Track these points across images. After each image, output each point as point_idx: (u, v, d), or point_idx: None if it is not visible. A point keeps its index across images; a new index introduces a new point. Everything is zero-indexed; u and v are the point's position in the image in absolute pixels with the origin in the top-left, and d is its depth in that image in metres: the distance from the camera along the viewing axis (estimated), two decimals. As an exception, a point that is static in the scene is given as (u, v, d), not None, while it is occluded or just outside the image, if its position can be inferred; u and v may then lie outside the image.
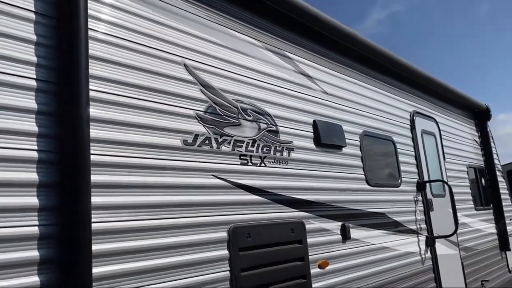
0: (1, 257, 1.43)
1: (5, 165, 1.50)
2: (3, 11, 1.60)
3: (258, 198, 2.43)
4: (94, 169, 1.67)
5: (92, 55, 1.77)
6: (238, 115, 2.44)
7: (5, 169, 1.50)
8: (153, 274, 1.81)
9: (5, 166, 1.50)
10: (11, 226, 1.48)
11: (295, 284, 2.52)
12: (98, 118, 1.75)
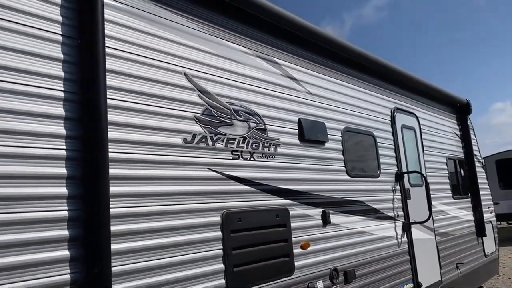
0: (42, 234, 1.81)
1: (42, 162, 1.88)
2: (37, 35, 1.96)
3: (248, 188, 2.82)
4: (112, 164, 2.05)
5: (109, 69, 2.14)
6: (230, 116, 2.81)
7: (42, 165, 1.88)
8: (159, 250, 2.21)
9: (42, 163, 1.88)
10: (49, 210, 1.86)
11: (279, 262, 2.92)
12: (114, 121, 2.12)
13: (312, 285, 3.16)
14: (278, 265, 2.92)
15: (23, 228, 1.77)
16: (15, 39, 1.88)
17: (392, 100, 4.93)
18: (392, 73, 4.86)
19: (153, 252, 2.18)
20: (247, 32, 3.14)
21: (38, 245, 1.80)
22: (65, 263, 1.87)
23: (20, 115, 1.84)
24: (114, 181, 2.05)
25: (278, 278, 2.89)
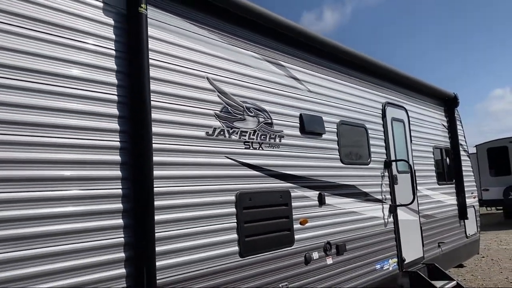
0: (103, 207, 2.39)
1: (102, 151, 2.45)
2: (97, 51, 2.51)
3: (257, 173, 3.41)
4: (155, 153, 2.62)
5: (152, 77, 2.69)
6: (243, 112, 3.38)
7: (102, 153, 2.45)
8: (191, 221, 2.81)
9: (102, 152, 2.45)
10: (107, 189, 2.43)
11: (282, 234, 3.53)
12: (156, 119, 2.69)
13: (309, 255, 3.77)
14: (281, 237, 3.53)
15: (89, 202, 2.35)
16: (83, 55, 2.43)
17: (383, 95, 5.49)
18: (384, 70, 5.42)
19: (189, 221, 2.79)
20: (257, 39, 3.68)
21: (100, 215, 2.38)
22: (119, 229, 2.45)
23: (87, 114, 2.40)
24: (156, 166, 2.63)
25: (281, 248, 3.50)
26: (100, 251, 2.32)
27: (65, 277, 2.15)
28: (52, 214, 2.16)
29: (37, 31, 2.25)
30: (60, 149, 2.25)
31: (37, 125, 2.17)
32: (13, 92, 2.11)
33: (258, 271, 3.26)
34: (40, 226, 2.10)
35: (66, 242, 2.19)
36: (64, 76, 2.33)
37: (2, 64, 2.09)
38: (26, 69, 2.18)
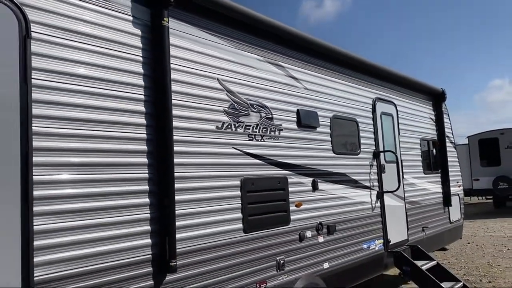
0: (133, 188, 2.92)
1: (133, 141, 2.97)
2: (128, 58, 3.01)
3: (259, 162, 3.94)
4: (175, 144, 3.14)
5: (172, 79, 3.20)
6: (247, 108, 3.90)
7: (133, 143, 2.97)
8: (203, 201, 3.34)
9: (133, 142, 2.97)
10: (136, 173, 2.96)
11: (280, 215, 4.09)
12: (176, 115, 3.20)
13: (303, 233, 4.33)
14: (279, 217, 4.08)
15: (125, 184, 2.88)
16: (117, 62, 2.94)
17: (374, 91, 6.01)
18: (374, 68, 5.93)
19: (202, 202, 3.34)
20: (259, 43, 4.19)
21: (132, 194, 2.91)
22: (146, 206, 2.99)
23: (121, 111, 2.92)
24: (176, 154, 3.15)
25: (279, 226, 4.06)
26: (132, 223, 2.86)
27: (108, 244, 2.70)
28: (100, 193, 2.70)
29: (83, 43, 2.76)
30: (103, 140, 2.78)
31: (88, 121, 2.70)
32: (69, 94, 2.63)
33: (259, 246, 3.82)
34: (92, 202, 2.64)
35: (109, 215, 2.73)
36: (103, 80, 2.84)
37: (65, 72, 2.61)
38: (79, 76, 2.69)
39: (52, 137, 2.52)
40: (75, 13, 2.75)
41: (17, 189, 2.34)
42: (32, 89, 2.45)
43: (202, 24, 3.61)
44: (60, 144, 2.56)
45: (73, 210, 2.57)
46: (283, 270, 4.04)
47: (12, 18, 2.44)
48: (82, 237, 2.60)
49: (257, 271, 3.76)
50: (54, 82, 2.57)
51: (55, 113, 2.56)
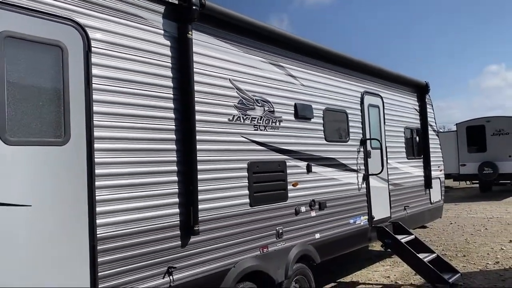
0: (166, 168, 3.72)
1: (165, 132, 3.75)
2: (161, 64, 3.78)
3: (262, 148, 4.74)
4: (197, 134, 3.92)
5: (195, 81, 3.97)
6: (253, 103, 4.69)
7: (165, 133, 3.75)
8: (218, 180, 4.15)
9: (165, 132, 3.75)
10: (165, 156, 3.76)
11: (279, 192, 4.91)
12: (198, 110, 3.98)
13: (298, 208, 5.17)
14: (279, 194, 4.91)
15: (160, 165, 3.67)
16: (154, 69, 3.70)
17: (362, 85, 6.81)
18: (362, 65, 6.72)
19: (218, 180, 4.15)
20: (263, 47, 4.95)
21: (165, 173, 3.71)
22: (175, 183, 3.79)
23: (157, 108, 3.69)
24: (198, 142, 3.94)
25: (278, 202, 4.89)
26: (166, 196, 3.68)
27: (148, 211, 3.51)
28: (143, 172, 3.51)
29: (129, 54, 3.52)
30: (145, 131, 3.58)
31: (134, 116, 3.49)
32: (120, 95, 3.41)
33: (262, 217, 4.65)
34: (137, 179, 3.45)
35: (149, 189, 3.54)
36: (143, 83, 3.62)
37: (117, 78, 3.39)
38: (127, 80, 3.47)
39: (108, 128, 3.31)
40: (123, 30, 3.50)
41: (84, 168, 3.13)
42: (93, 91, 3.22)
43: (216, 33, 4.37)
44: (114, 134, 3.35)
45: (124, 184, 3.37)
46: (281, 238, 4.89)
47: (78, 36, 3.19)
48: (130, 205, 3.40)
49: (260, 238, 4.61)
50: (108, 86, 3.35)
51: (109, 110, 3.34)
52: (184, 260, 3.78)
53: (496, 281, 6.59)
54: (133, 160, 3.46)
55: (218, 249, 4.11)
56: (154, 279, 3.54)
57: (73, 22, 3.17)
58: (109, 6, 3.43)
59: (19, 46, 2.86)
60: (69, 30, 3.15)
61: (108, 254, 3.23)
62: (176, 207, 3.77)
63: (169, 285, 3.63)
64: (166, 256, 3.64)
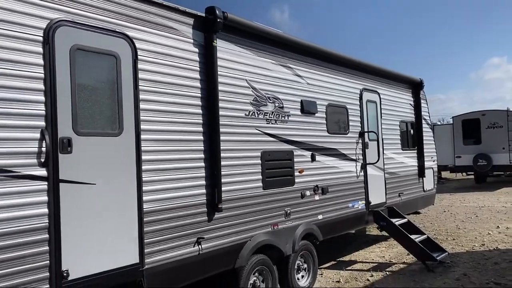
0: (194, 156, 4.48)
1: (195, 125, 4.50)
2: (190, 68, 4.51)
3: (273, 139, 5.50)
4: (220, 127, 4.67)
5: (219, 82, 4.70)
6: (265, 100, 5.43)
7: (195, 126, 4.50)
8: (239, 166, 4.91)
9: (195, 126, 4.50)
10: (194, 146, 4.51)
11: (287, 178, 5.68)
12: (221, 106, 4.72)
13: (304, 192, 5.94)
14: (287, 179, 5.68)
15: (191, 153, 4.42)
16: (186, 72, 4.44)
17: (361, 83, 7.55)
18: (362, 64, 7.46)
19: (237, 166, 4.92)
20: (273, 51, 5.68)
21: (193, 160, 4.46)
22: (202, 168, 4.54)
23: (188, 105, 4.44)
24: (221, 133, 4.69)
25: (286, 186, 5.66)
26: (196, 179, 4.44)
27: (182, 191, 4.28)
28: (178, 158, 4.28)
29: (167, 61, 4.26)
30: (180, 124, 4.34)
31: (171, 112, 4.25)
32: (161, 95, 4.16)
33: (273, 199, 5.42)
34: (173, 164, 4.21)
35: (182, 173, 4.30)
36: (178, 84, 4.36)
37: (158, 81, 4.14)
38: (166, 82, 4.23)
39: (151, 122, 4.06)
40: (161, 40, 4.25)
41: (133, 155, 3.88)
42: (140, 91, 3.96)
43: (235, 40, 5.10)
44: (155, 127, 4.10)
45: (163, 168, 4.14)
46: (289, 218, 5.67)
47: (127, 47, 3.93)
48: (168, 186, 4.17)
49: (271, 216, 5.38)
50: (151, 87, 4.10)
51: (152, 107, 4.09)
52: (210, 232, 4.56)
53: (479, 259, 7.38)
54: (170, 149, 4.22)
55: (237, 224, 4.88)
56: (187, 247, 4.32)
57: (124, 35, 3.91)
58: (150, 21, 4.17)
59: (85, 56, 3.60)
60: (121, 42, 3.89)
61: (152, 225, 4.00)
62: (203, 188, 4.53)
63: (198, 252, 4.41)
64: (196, 228, 4.42)
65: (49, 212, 3.30)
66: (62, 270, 3.33)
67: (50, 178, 3.31)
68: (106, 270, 3.61)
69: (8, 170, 3.10)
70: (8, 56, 3.16)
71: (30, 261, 3.17)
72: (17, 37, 3.22)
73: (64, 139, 3.40)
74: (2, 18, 3.15)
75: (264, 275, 5.25)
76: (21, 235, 3.13)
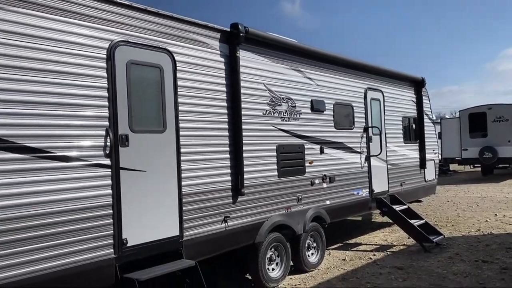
0: (221, 148, 5.42)
1: (222, 123, 5.43)
2: (217, 75, 5.44)
3: (287, 134, 6.42)
4: (243, 124, 5.59)
5: (242, 86, 5.62)
6: (280, 100, 6.34)
7: (222, 123, 5.44)
8: (259, 157, 5.84)
9: (222, 123, 5.43)
10: (223, 140, 5.45)
11: (299, 168, 6.61)
12: (243, 107, 5.64)
13: (313, 180, 6.85)
14: (299, 169, 6.60)
15: (219, 145, 5.36)
16: (214, 79, 5.37)
17: (365, 82, 8.42)
18: (366, 66, 8.32)
19: (257, 158, 5.85)
20: (287, 57, 6.58)
21: (221, 152, 5.40)
22: (227, 158, 5.48)
23: (216, 106, 5.37)
24: (243, 130, 5.61)
25: (298, 175, 6.58)
26: (223, 168, 5.40)
27: (212, 178, 5.23)
28: (208, 151, 5.24)
29: (200, 71, 5.19)
30: (209, 122, 5.29)
31: (203, 112, 5.21)
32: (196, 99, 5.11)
33: (286, 186, 6.36)
34: (205, 155, 5.16)
35: (212, 162, 5.25)
36: (209, 89, 5.30)
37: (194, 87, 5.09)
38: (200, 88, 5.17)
39: (187, 121, 5.01)
40: (194, 53, 5.18)
41: (174, 148, 4.83)
42: (179, 96, 4.90)
43: (254, 49, 6.01)
44: (190, 125, 5.05)
45: (197, 159, 5.09)
46: (300, 202, 6.59)
47: (169, 60, 4.86)
48: (200, 173, 5.12)
49: (285, 201, 6.32)
50: (188, 92, 5.04)
51: (188, 109, 5.04)
52: (234, 212, 5.51)
53: (473, 242, 8.25)
54: (202, 143, 5.17)
55: (256, 207, 5.83)
56: (216, 224, 5.27)
57: (166, 50, 4.85)
58: (186, 37, 5.10)
59: (137, 69, 4.55)
60: (164, 56, 4.82)
61: (188, 204, 4.96)
62: (229, 175, 5.48)
63: (225, 229, 5.36)
64: (223, 209, 5.37)
65: (113, 193, 4.26)
66: (122, 238, 4.30)
67: (113, 166, 4.27)
68: (154, 240, 4.58)
69: (84, 160, 4.06)
70: (82, 71, 4.11)
71: (101, 230, 4.15)
72: (88, 56, 4.17)
73: (123, 136, 4.36)
74: (78, 42, 4.10)
75: (279, 251, 6.20)
76: (93, 210, 4.10)
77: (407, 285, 5.99)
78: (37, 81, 3.79)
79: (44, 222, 3.75)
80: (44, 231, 3.75)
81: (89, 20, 4.21)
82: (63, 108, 3.96)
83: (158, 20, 4.82)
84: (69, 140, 3.98)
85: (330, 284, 6.20)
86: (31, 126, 3.72)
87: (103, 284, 4.19)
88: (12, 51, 3.64)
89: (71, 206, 3.94)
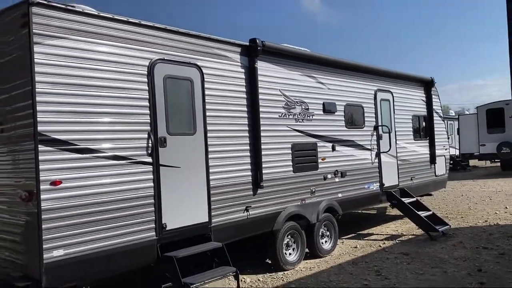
0: (243, 148, 6.32)
1: (244, 125, 6.33)
2: (238, 84, 6.34)
3: (301, 134, 7.28)
4: (261, 125, 6.48)
5: (260, 92, 6.51)
6: (294, 104, 7.20)
7: (244, 125, 6.33)
8: (276, 155, 6.73)
9: (244, 125, 6.33)
10: (244, 140, 6.35)
11: (312, 164, 7.47)
12: (261, 110, 6.52)
13: (326, 175, 7.70)
14: (312, 165, 7.46)
15: (239, 145, 6.27)
16: (238, 88, 6.27)
17: (375, 84, 9.20)
18: (376, 69, 9.11)
19: (274, 155, 6.74)
20: (300, 65, 7.43)
21: (242, 151, 6.30)
22: (247, 155, 6.38)
23: (237, 111, 6.27)
24: (262, 131, 6.50)
25: (312, 170, 7.44)
26: (245, 164, 6.30)
27: (235, 172, 6.15)
28: (233, 149, 6.15)
29: (223, 81, 6.10)
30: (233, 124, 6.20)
31: (226, 116, 6.12)
32: (220, 105, 6.02)
33: (301, 180, 7.23)
34: (229, 154, 6.07)
35: (235, 160, 6.16)
36: (231, 96, 6.20)
37: (219, 95, 6.00)
38: (223, 96, 6.07)
39: (214, 125, 5.93)
40: (218, 66, 6.10)
41: (203, 148, 5.75)
42: (206, 103, 5.82)
43: (271, 60, 6.89)
44: (217, 128, 5.97)
45: (222, 157, 6.01)
46: (314, 195, 7.45)
47: (198, 73, 5.79)
48: (225, 169, 6.04)
49: (300, 193, 7.20)
50: (214, 100, 5.96)
51: (214, 114, 5.97)
52: (255, 203, 6.41)
53: (478, 232, 8.96)
54: (226, 143, 6.10)
55: (274, 198, 6.72)
56: (239, 213, 6.19)
57: (195, 65, 5.78)
58: (212, 52, 6.02)
59: (172, 82, 5.48)
60: (193, 70, 5.75)
61: (216, 195, 5.89)
62: (250, 171, 6.39)
63: (247, 217, 6.27)
64: (245, 200, 6.28)
65: (154, 185, 5.22)
66: (162, 223, 5.25)
67: (154, 163, 5.22)
68: (188, 225, 5.53)
69: (130, 158, 5.02)
70: (129, 86, 5.07)
71: (145, 216, 5.11)
72: (133, 73, 5.12)
73: (162, 138, 5.31)
74: (126, 62, 5.05)
75: (295, 238, 7.08)
76: (139, 199, 5.06)
77: (409, 268, 6.79)
78: (96, 95, 4.76)
79: (102, 209, 4.72)
80: (102, 216, 4.72)
81: (134, 44, 5.16)
82: (115, 116, 4.92)
83: (188, 39, 5.76)
84: (119, 143, 4.94)
85: (341, 267, 7.05)
86: (90, 132, 4.70)
87: (147, 260, 5.16)
88: (81, 73, 4.63)
89: (122, 196, 4.91)
